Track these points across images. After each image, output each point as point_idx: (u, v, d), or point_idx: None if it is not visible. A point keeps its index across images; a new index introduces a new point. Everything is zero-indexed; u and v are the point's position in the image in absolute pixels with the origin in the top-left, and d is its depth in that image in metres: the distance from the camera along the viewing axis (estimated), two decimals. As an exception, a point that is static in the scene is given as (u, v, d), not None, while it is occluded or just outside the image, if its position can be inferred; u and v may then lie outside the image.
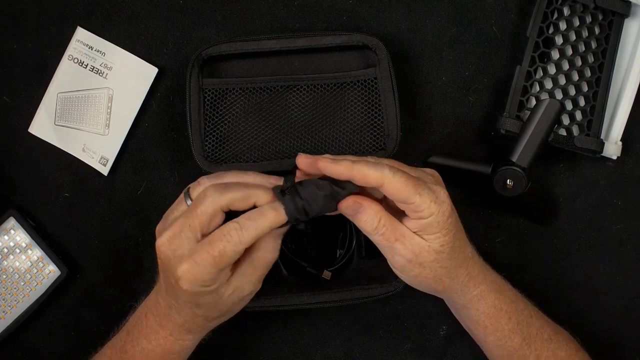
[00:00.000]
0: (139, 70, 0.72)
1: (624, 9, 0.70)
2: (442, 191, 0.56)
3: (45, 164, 0.73)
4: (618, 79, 0.73)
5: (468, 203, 0.75)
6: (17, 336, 0.73)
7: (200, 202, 0.53)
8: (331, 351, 0.75)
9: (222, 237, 0.52)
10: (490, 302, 0.61)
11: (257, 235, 0.52)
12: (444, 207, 0.55)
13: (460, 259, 0.58)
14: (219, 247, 0.51)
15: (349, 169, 0.53)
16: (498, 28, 0.74)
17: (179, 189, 0.73)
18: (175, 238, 0.53)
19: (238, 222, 0.52)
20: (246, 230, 0.52)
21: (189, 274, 0.52)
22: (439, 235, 0.55)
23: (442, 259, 0.56)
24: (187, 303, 0.55)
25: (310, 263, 0.70)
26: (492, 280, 0.62)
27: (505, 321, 0.62)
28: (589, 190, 0.75)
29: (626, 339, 0.76)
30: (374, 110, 0.69)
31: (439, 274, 0.57)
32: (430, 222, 0.54)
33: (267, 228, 0.53)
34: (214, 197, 0.53)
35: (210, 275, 0.52)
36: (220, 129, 0.69)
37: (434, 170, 0.60)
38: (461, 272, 0.59)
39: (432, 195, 0.54)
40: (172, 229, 0.53)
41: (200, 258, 0.51)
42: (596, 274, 0.76)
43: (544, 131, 0.67)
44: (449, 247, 0.56)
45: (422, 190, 0.54)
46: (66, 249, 0.74)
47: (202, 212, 0.52)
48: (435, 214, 0.54)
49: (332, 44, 0.68)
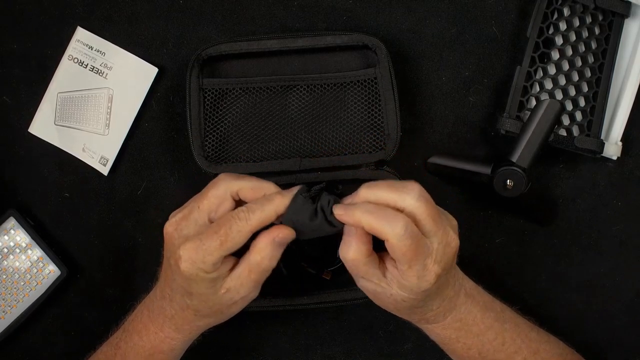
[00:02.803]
0: (139, 70, 0.72)
1: (624, 10, 0.70)
2: (434, 269, 0.54)
3: (45, 164, 0.73)
4: (618, 79, 0.72)
5: (468, 203, 0.75)
6: (17, 336, 0.73)
7: (212, 185, 0.55)
8: (331, 351, 0.75)
9: (230, 218, 0.52)
10: (447, 337, 0.62)
11: (263, 218, 0.53)
12: (423, 285, 0.54)
13: (418, 314, 0.59)
14: (225, 228, 0.52)
15: (357, 221, 0.53)
16: (498, 28, 0.74)
17: (179, 189, 0.74)
18: (183, 220, 0.54)
19: (245, 205, 0.54)
20: (252, 212, 0.53)
21: (191, 252, 0.52)
22: (405, 296, 0.55)
23: (398, 308, 0.58)
24: (181, 289, 0.55)
25: (310, 263, 0.70)
26: (456, 319, 0.61)
27: (463, 351, 0.62)
28: (589, 190, 0.75)
29: (626, 339, 0.76)
30: (374, 110, 0.69)
31: (394, 311, 0.59)
32: (404, 285, 0.54)
33: (273, 212, 0.53)
34: (226, 180, 0.55)
35: (212, 258, 0.52)
36: (220, 129, 0.69)
37: (454, 220, 0.58)
38: (416, 318, 0.60)
39: (421, 272, 0.53)
40: (182, 212, 0.55)
41: (205, 237, 0.52)
42: (596, 274, 0.76)
43: (544, 132, 0.67)
44: (409, 304, 0.56)
45: (415, 264, 0.53)
46: (66, 249, 0.74)
47: (213, 195, 0.54)
48: (412, 284, 0.54)
49: (332, 44, 0.68)
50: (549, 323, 0.72)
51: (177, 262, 0.53)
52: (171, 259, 0.54)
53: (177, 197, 0.74)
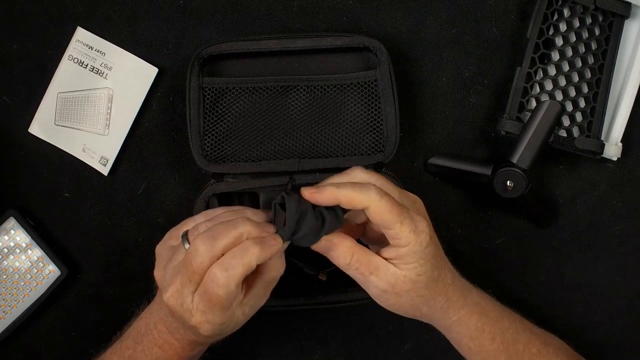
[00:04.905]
0: (139, 70, 0.72)
1: (624, 10, 0.70)
2: (423, 221, 0.55)
3: (45, 164, 0.73)
4: (618, 80, 0.72)
5: (468, 204, 0.75)
6: (17, 336, 0.74)
7: (194, 257, 0.52)
8: (331, 351, 0.75)
9: (215, 286, 0.51)
10: (472, 325, 0.61)
11: (246, 272, 0.52)
12: (421, 238, 0.55)
13: (438, 288, 0.58)
14: (217, 296, 0.52)
15: (334, 195, 0.53)
16: (498, 29, 0.74)
17: (179, 189, 0.74)
18: (179, 294, 0.53)
19: (223, 264, 0.52)
20: (232, 270, 0.51)
21: (204, 324, 0.53)
22: (416, 265, 0.55)
23: (418, 288, 0.56)
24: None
25: (307, 264, 0.70)
26: (474, 303, 0.61)
27: (488, 342, 0.61)
28: (589, 191, 0.75)
29: (626, 339, 0.76)
30: (373, 112, 0.69)
31: (415, 302, 0.58)
32: (407, 252, 0.55)
33: (254, 262, 0.52)
34: (207, 251, 0.52)
35: (223, 318, 0.53)
36: (219, 128, 0.69)
37: (417, 197, 0.59)
38: (439, 299, 0.59)
39: (412, 225, 0.54)
40: (174, 285, 0.53)
41: (207, 309, 0.52)
42: (596, 275, 0.76)
43: (544, 132, 0.67)
44: (425, 277, 0.56)
45: (404, 218, 0.54)
46: (66, 249, 0.74)
47: (199, 268, 0.52)
48: (412, 243, 0.54)
49: (332, 45, 0.68)
50: (549, 323, 0.72)
51: (197, 330, 0.54)
52: (187, 325, 0.54)
53: (177, 197, 0.74)
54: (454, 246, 0.75)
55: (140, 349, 0.60)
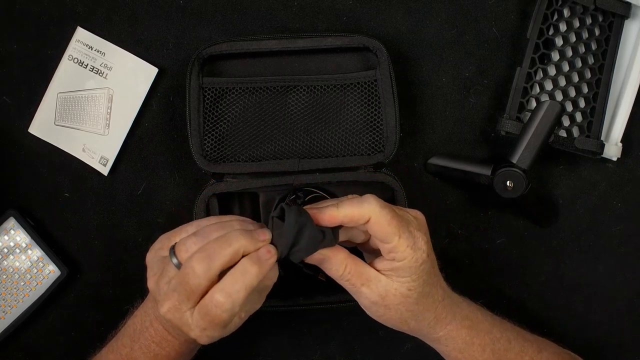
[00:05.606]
0: (139, 70, 0.72)
1: (624, 11, 0.70)
2: (422, 237, 0.56)
3: (45, 164, 0.73)
4: (618, 80, 0.72)
5: (468, 204, 0.75)
6: (17, 336, 0.74)
7: (190, 278, 0.51)
8: (331, 351, 0.75)
9: (219, 311, 0.52)
10: (460, 339, 0.61)
11: (248, 294, 0.52)
12: (418, 254, 0.55)
13: (428, 304, 0.58)
14: (220, 318, 0.52)
15: (333, 217, 0.54)
16: (498, 29, 0.74)
17: (179, 189, 0.74)
18: (176, 309, 0.53)
19: (225, 289, 0.51)
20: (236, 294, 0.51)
21: (204, 337, 0.54)
22: (409, 280, 0.56)
23: (408, 302, 0.57)
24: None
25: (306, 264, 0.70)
26: (463, 317, 0.61)
27: (478, 354, 0.61)
28: (589, 191, 0.75)
29: (626, 339, 0.76)
30: (373, 112, 0.69)
31: (404, 316, 0.58)
32: (402, 266, 0.55)
33: (256, 282, 0.52)
34: (204, 272, 0.51)
35: (223, 333, 0.54)
36: (219, 128, 0.69)
37: (419, 212, 0.59)
38: (428, 315, 0.59)
39: (411, 240, 0.54)
40: (170, 301, 0.53)
41: (208, 327, 0.53)
42: (596, 275, 0.76)
43: (544, 133, 0.67)
44: (416, 292, 0.56)
45: (403, 232, 0.54)
46: (66, 249, 0.74)
47: (197, 288, 0.52)
48: (408, 259, 0.55)
49: (332, 46, 0.68)
50: (549, 323, 0.72)
51: (197, 340, 0.54)
52: (187, 336, 0.55)
53: (177, 197, 0.74)
54: (454, 246, 0.75)
55: (137, 346, 0.60)
